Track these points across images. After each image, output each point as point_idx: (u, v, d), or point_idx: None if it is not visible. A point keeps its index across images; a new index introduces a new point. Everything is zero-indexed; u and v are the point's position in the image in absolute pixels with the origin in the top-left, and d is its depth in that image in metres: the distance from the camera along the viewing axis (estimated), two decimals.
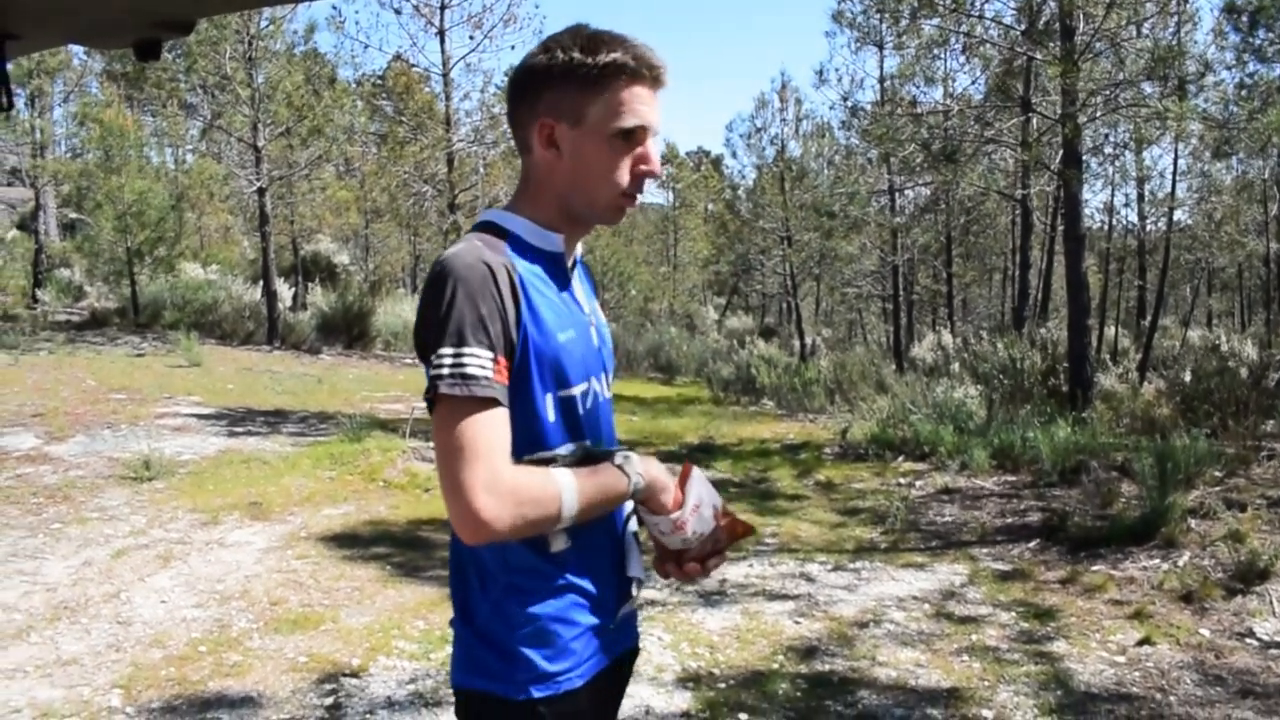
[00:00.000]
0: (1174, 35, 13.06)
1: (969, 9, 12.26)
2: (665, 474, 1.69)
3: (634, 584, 1.78)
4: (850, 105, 17.20)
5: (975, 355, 14.32)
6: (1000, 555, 6.48)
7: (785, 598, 5.66)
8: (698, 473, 1.72)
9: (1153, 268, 21.48)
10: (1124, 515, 6.68)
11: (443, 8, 16.63)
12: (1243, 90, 10.52)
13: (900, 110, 14.55)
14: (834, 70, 29.67)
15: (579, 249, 1.81)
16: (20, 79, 18.58)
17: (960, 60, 16.66)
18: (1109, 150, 16.23)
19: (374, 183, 22.99)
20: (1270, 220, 20.29)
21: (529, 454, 1.59)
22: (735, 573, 6.04)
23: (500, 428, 1.52)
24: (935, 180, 16.67)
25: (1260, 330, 19.62)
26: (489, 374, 1.51)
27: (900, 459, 9.47)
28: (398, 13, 16.66)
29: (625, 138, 1.63)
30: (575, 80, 1.61)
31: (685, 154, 47.71)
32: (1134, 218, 21.33)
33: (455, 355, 1.50)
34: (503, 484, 1.47)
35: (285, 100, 18.16)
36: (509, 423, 1.54)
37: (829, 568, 6.25)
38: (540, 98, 1.65)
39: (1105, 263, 22.61)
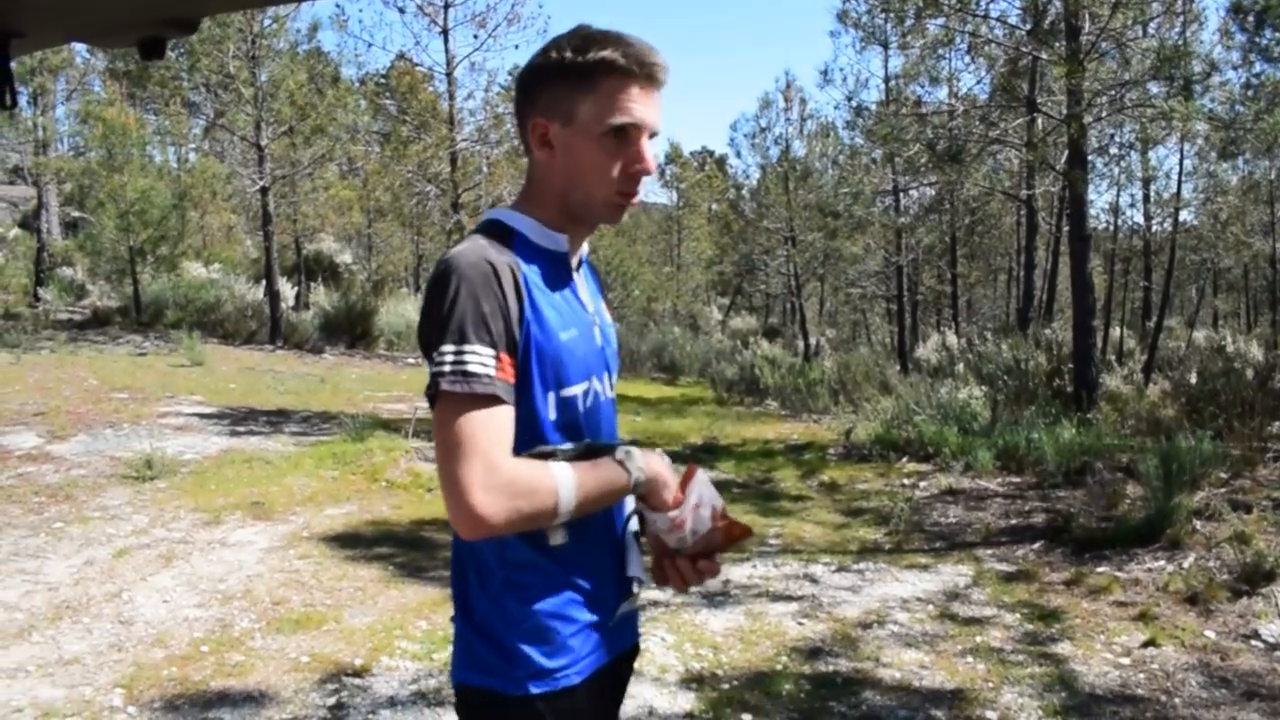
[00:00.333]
0: (1180, 35, 13.03)
1: (974, 9, 12.24)
2: (668, 469, 1.69)
3: (634, 583, 1.77)
4: (855, 105, 17.12)
5: (980, 356, 14.29)
6: (1005, 556, 6.47)
7: (789, 599, 5.65)
8: (702, 474, 1.72)
9: (1158, 268, 21.45)
10: (1129, 516, 6.67)
11: (446, 7, 16.64)
12: (1249, 90, 10.48)
13: (905, 110, 14.52)
14: (839, 70, 29.83)
15: (584, 248, 1.81)
16: (23, 77, 18.61)
17: (965, 60, 16.71)
18: (1114, 150, 16.23)
19: (377, 182, 23.00)
20: (1276, 221, 20.24)
21: (528, 450, 1.58)
22: (739, 574, 6.03)
23: (500, 425, 1.52)
24: (940, 180, 16.65)
25: (1266, 331, 19.55)
26: (490, 371, 1.51)
27: (904, 460, 9.46)
28: (401, 11, 16.78)
29: (617, 136, 1.62)
30: (566, 79, 1.62)
31: (689, 154, 47.64)
32: (1139, 218, 21.28)
33: (457, 352, 1.51)
34: (499, 479, 1.47)
35: (288, 99, 18.18)
36: (511, 420, 1.54)
37: (833, 569, 6.24)
38: (536, 98, 1.66)
39: (1111, 263, 22.58)
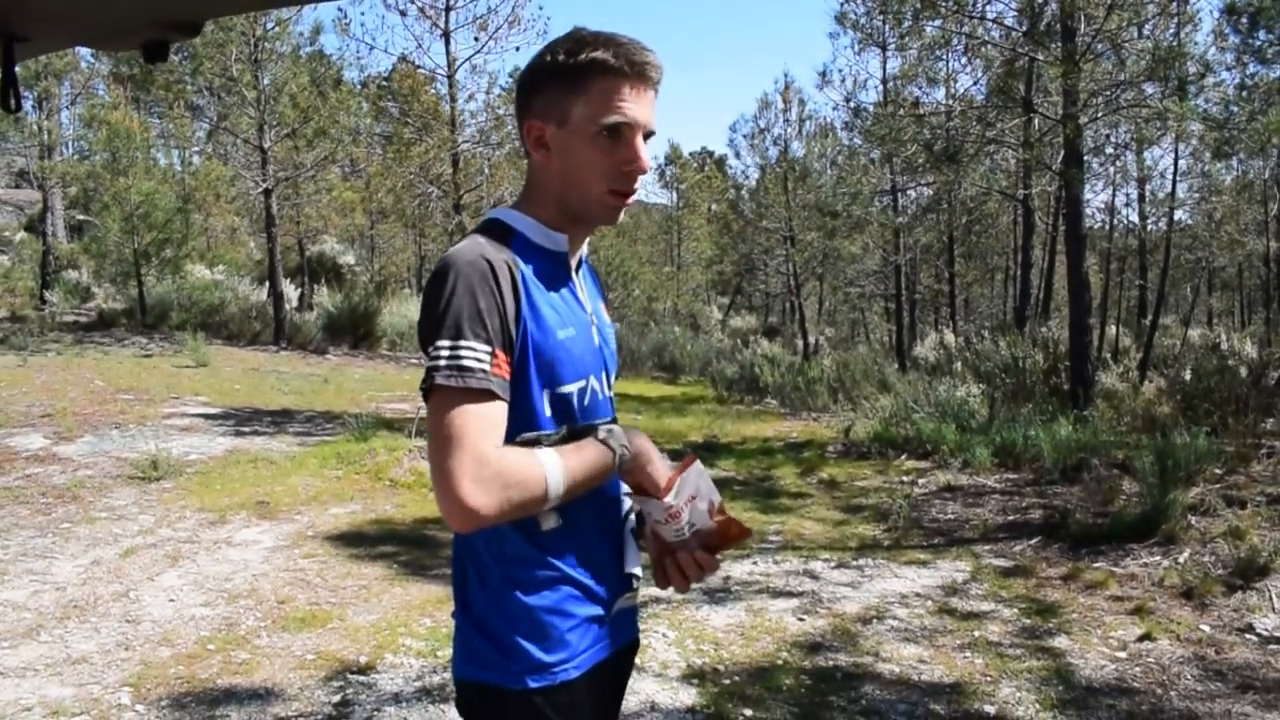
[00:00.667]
0: (1174, 36, 13.07)
1: (971, 10, 12.30)
2: (652, 446, 1.71)
3: (632, 579, 1.80)
4: (853, 106, 17.25)
5: (977, 354, 14.33)
6: (1002, 552, 6.52)
7: (789, 595, 5.70)
8: (698, 465, 1.74)
9: (1153, 267, 21.47)
10: (1125, 512, 6.72)
11: (448, 9, 16.65)
12: (1243, 91, 10.53)
13: (903, 111, 14.55)
14: (837, 71, 29.73)
15: (584, 249, 1.83)
16: (28, 81, 18.66)
17: (962, 61, 16.69)
18: (1110, 150, 16.29)
19: (379, 184, 23.01)
20: (1270, 220, 20.24)
21: (522, 440, 1.61)
22: (739, 570, 6.09)
23: (493, 420, 1.53)
24: (937, 180, 16.68)
25: (1260, 329, 19.58)
26: (486, 367, 1.52)
27: (903, 457, 9.51)
28: (403, 14, 16.76)
29: (610, 135, 1.64)
30: (560, 81, 1.64)
31: (689, 154, 47.66)
32: (1135, 217, 21.32)
33: (452, 347, 1.52)
34: (488, 471, 1.49)
35: (291, 102, 18.23)
36: (505, 416, 1.56)
37: (832, 565, 6.30)
38: (532, 100, 1.68)
39: (1106, 262, 22.59)
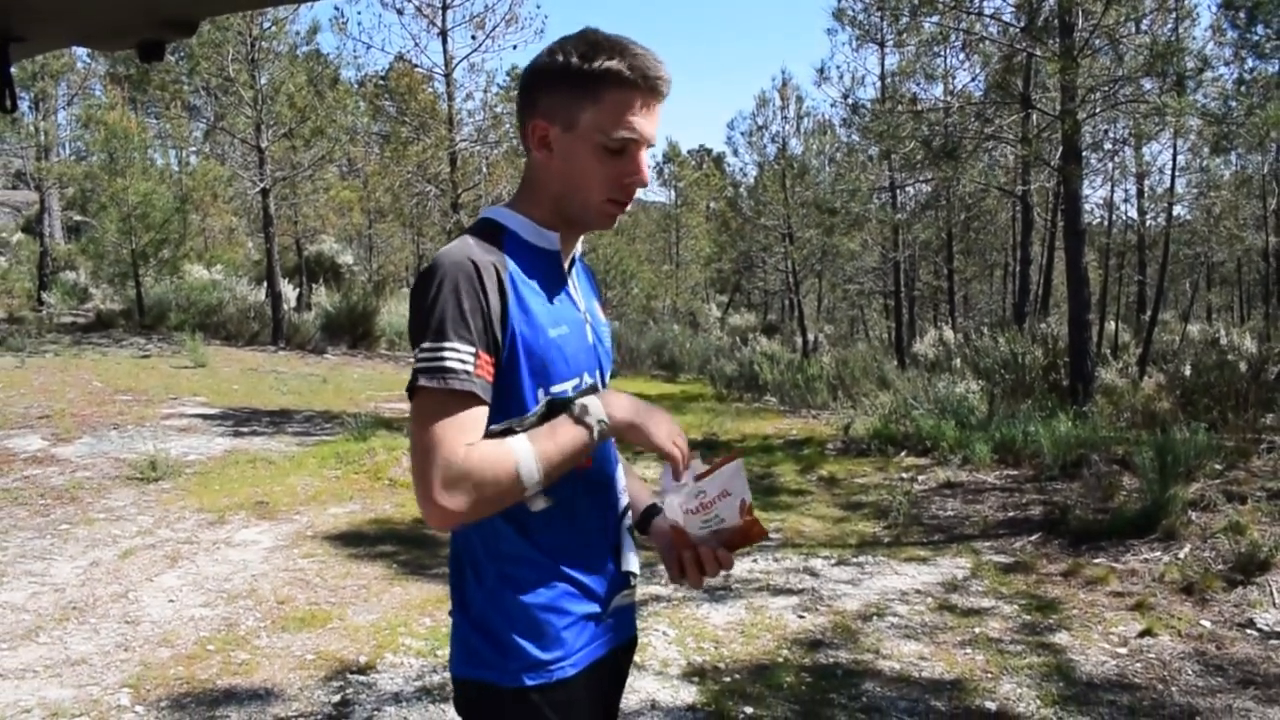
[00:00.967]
0: (1172, 31, 13.09)
1: (969, 6, 12.29)
2: (635, 406, 1.68)
3: (630, 577, 1.80)
4: (851, 102, 17.22)
5: (976, 351, 14.33)
6: (1002, 548, 6.52)
7: (789, 592, 5.70)
8: (739, 463, 1.72)
9: (1152, 263, 21.51)
10: (1125, 508, 6.72)
11: (444, 8, 16.67)
12: (1241, 86, 10.53)
13: (901, 107, 14.55)
14: (835, 68, 29.82)
15: (578, 247, 1.82)
16: (24, 82, 18.66)
17: (960, 57, 16.69)
18: (1108, 146, 16.29)
19: (377, 183, 23.04)
20: (1269, 215, 20.27)
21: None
22: (739, 568, 6.07)
23: (472, 422, 1.54)
24: (936, 177, 16.68)
25: (1259, 324, 19.59)
26: (469, 368, 1.52)
27: (902, 454, 9.51)
28: (400, 13, 16.74)
29: (616, 146, 1.64)
30: (570, 85, 1.62)
31: (687, 152, 47.68)
32: (1134, 213, 21.36)
33: (435, 350, 1.53)
34: (458, 471, 1.49)
35: (288, 101, 18.22)
36: (485, 418, 1.56)
37: (832, 562, 6.29)
38: (538, 99, 1.66)
39: (1105, 258, 22.61)
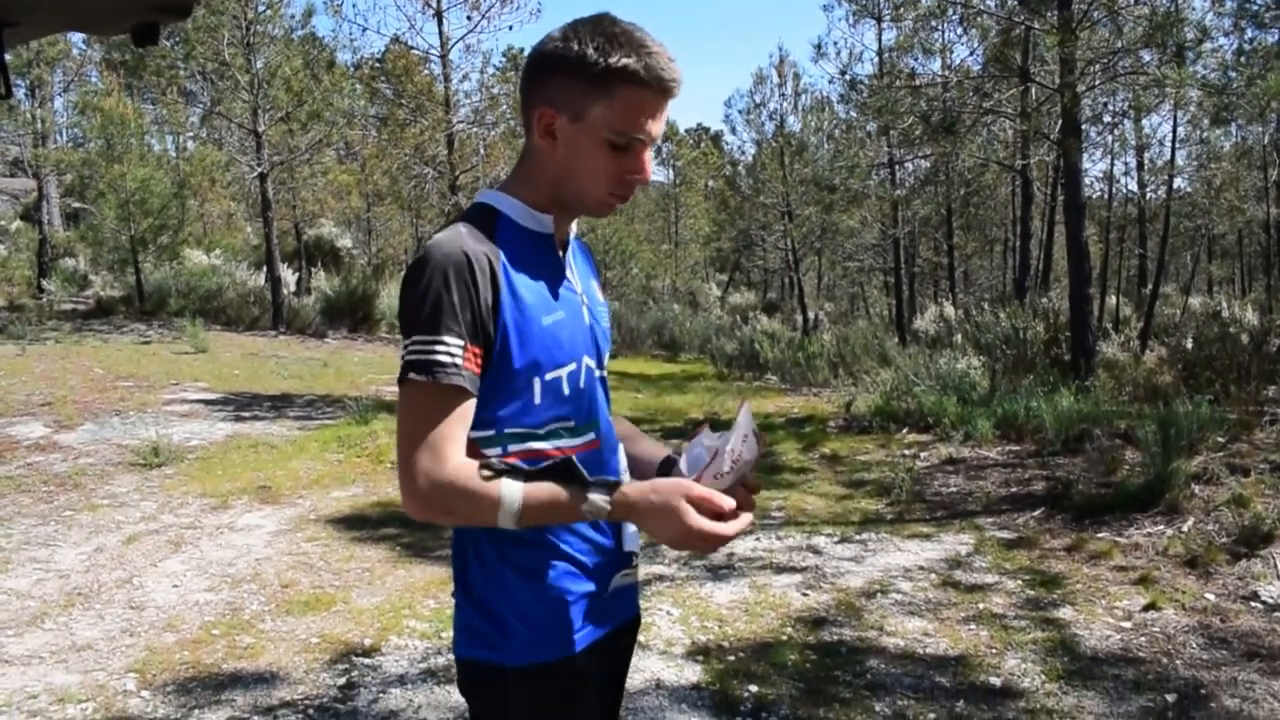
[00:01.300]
0: (1171, 2, 13.00)
1: None
2: (647, 514, 1.58)
3: (631, 557, 1.79)
4: (849, 78, 17.07)
5: (977, 326, 14.30)
6: (1005, 524, 6.52)
7: (793, 570, 5.70)
8: (748, 406, 1.67)
9: (1153, 236, 21.45)
10: (1128, 482, 6.71)
11: None
12: (1241, 56, 10.44)
13: (899, 83, 14.45)
14: (832, 44, 29.79)
15: (573, 228, 1.81)
16: (20, 69, 18.57)
17: (958, 31, 16.57)
18: (1108, 119, 16.17)
19: (375, 166, 22.93)
20: (1270, 186, 20.17)
21: (513, 428, 1.62)
22: (742, 546, 6.08)
23: (458, 415, 1.55)
24: (935, 152, 16.58)
25: (1261, 296, 19.58)
26: (458, 361, 1.53)
27: (905, 431, 9.50)
28: None
29: (623, 143, 1.63)
30: (583, 76, 1.60)
31: (685, 131, 47.64)
32: (1134, 186, 21.27)
33: (424, 342, 1.53)
34: (440, 475, 1.51)
35: (284, 85, 18.13)
36: (471, 410, 1.57)
37: (835, 539, 6.30)
38: (547, 85, 1.64)
39: (1106, 231, 22.54)
